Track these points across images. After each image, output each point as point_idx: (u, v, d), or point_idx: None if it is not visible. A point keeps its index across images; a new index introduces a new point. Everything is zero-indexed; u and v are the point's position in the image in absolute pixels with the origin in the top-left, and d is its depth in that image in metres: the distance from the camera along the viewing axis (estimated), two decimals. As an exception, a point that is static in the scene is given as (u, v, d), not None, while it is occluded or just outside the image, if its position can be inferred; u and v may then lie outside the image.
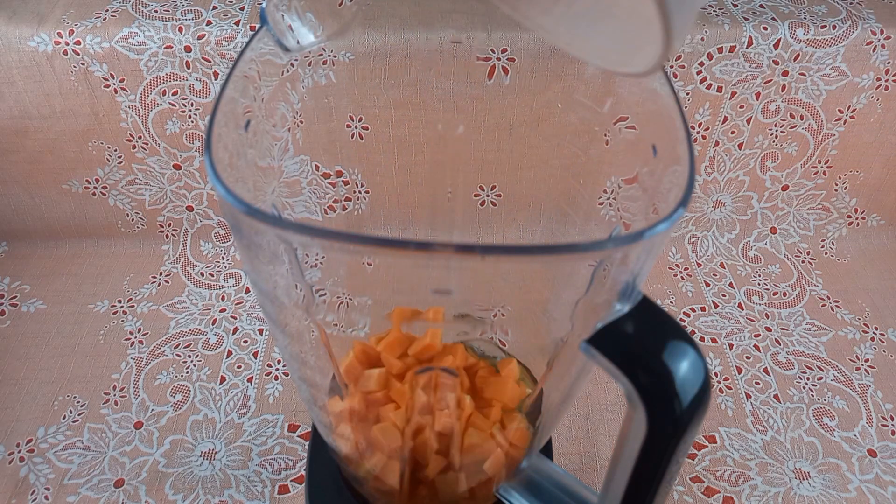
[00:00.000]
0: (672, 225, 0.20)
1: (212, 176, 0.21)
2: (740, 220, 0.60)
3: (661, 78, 0.26)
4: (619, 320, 0.23)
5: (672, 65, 0.52)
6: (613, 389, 0.48)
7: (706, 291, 0.56)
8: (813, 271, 0.59)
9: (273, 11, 0.28)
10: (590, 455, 0.45)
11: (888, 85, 0.54)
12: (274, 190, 0.36)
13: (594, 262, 0.24)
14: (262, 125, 0.31)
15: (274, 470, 0.43)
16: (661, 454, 0.24)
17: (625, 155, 0.32)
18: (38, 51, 0.49)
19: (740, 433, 0.46)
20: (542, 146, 0.53)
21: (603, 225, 0.35)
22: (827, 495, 0.43)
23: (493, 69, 0.49)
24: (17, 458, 0.44)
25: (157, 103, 0.51)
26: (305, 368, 0.33)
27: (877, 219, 0.61)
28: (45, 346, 0.50)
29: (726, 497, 0.43)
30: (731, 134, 0.55)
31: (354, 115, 0.51)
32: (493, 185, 0.56)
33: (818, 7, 0.54)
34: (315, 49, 0.35)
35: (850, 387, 0.50)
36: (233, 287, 0.55)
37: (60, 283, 0.55)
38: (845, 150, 0.57)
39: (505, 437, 0.34)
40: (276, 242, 0.25)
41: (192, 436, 0.45)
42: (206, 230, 0.58)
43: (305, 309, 0.31)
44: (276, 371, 0.49)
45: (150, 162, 0.54)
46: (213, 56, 0.50)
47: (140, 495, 0.42)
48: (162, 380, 0.48)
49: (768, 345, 0.52)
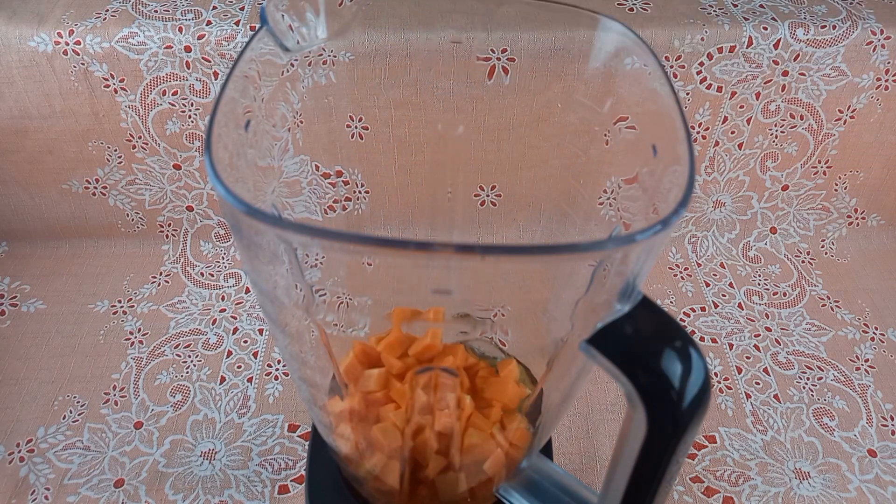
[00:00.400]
0: (672, 225, 0.20)
1: (212, 176, 0.21)
2: (740, 220, 0.60)
3: (661, 78, 0.26)
4: (619, 320, 0.23)
5: (672, 65, 0.52)
6: (613, 389, 0.48)
7: (706, 291, 0.56)
8: (813, 271, 0.59)
9: (273, 11, 0.28)
10: (590, 455, 0.45)
11: (888, 85, 0.54)
12: (274, 190, 0.36)
13: (594, 262, 0.24)
14: (262, 125, 0.31)
15: (274, 470, 0.43)
16: (661, 454, 0.24)
17: (625, 155, 0.32)
18: (38, 51, 0.49)
19: (740, 433, 0.46)
20: (542, 146, 0.53)
21: (603, 225, 0.35)
22: (827, 495, 0.43)
23: (493, 69, 0.49)
24: (17, 458, 0.44)
25: (157, 103, 0.51)
26: (305, 368, 0.33)
27: (877, 219, 0.61)
28: (45, 346, 0.50)
29: (726, 497, 0.43)
30: (731, 134, 0.55)
31: (354, 115, 0.51)
32: (493, 185, 0.56)
33: (818, 7, 0.54)
34: (315, 49, 0.35)
35: (850, 387, 0.50)
36: (233, 287, 0.55)
37: (60, 283, 0.55)
38: (845, 150, 0.57)
39: (505, 437, 0.34)
40: (276, 242, 0.25)
41: (192, 436, 0.45)
42: (206, 230, 0.58)
43: (305, 309, 0.31)
44: (276, 371, 0.49)
45: (150, 162, 0.54)
46: (213, 56, 0.50)
47: (140, 495, 0.42)
48: (162, 380, 0.48)
49: (768, 345, 0.52)
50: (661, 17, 0.52)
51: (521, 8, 0.50)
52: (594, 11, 0.30)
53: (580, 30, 0.45)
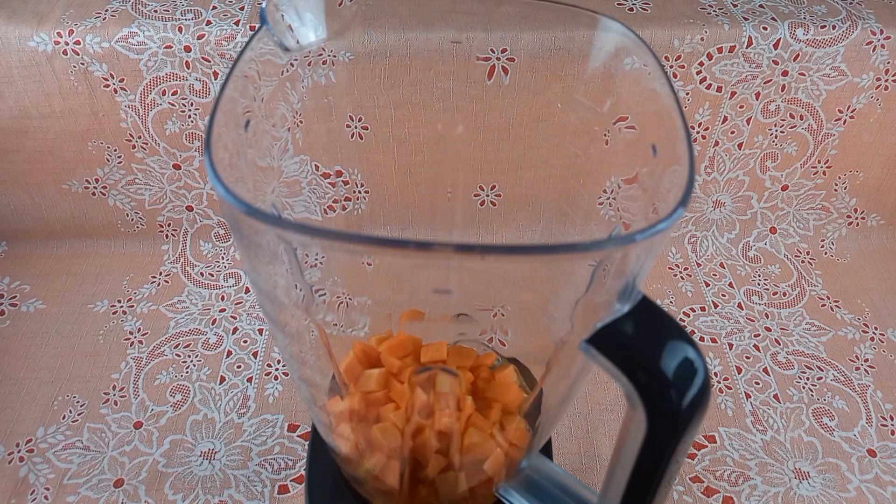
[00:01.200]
0: (672, 225, 0.20)
1: (212, 176, 0.21)
2: (740, 220, 0.60)
3: (661, 78, 0.26)
4: (618, 320, 0.23)
5: (672, 65, 0.52)
6: (613, 389, 0.48)
7: (706, 291, 0.56)
8: (813, 271, 0.59)
9: (273, 11, 0.28)
10: (590, 455, 0.45)
11: (888, 85, 0.54)
12: (274, 190, 0.36)
13: (594, 262, 0.24)
14: (261, 125, 0.31)
15: (274, 470, 0.43)
16: (661, 454, 0.24)
17: (625, 155, 0.32)
18: (37, 50, 0.49)
19: (740, 433, 0.46)
20: (542, 146, 0.53)
21: (603, 225, 0.35)
22: (826, 495, 0.43)
23: (492, 69, 0.49)
24: (17, 457, 0.44)
25: (156, 103, 0.51)
26: (305, 368, 0.33)
27: (877, 219, 0.61)
28: (44, 345, 0.50)
29: (726, 497, 0.43)
30: (730, 134, 0.55)
31: (354, 115, 0.50)
32: (492, 185, 0.56)
33: (818, 7, 0.54)
34: (315, 49, 0.35)
35: (850, 387, 0.50)
36: (233, 287, 0.55)
37: (60, 283, 0.55)
38: (845, 150, 0.57)
39: (505, 437, 0.34)
40: (276, 242, 0.25)
41: (191, 436, 0.45)
42: (205, 230, 0.58)
43: (305, 309, 0.31)
44: (276, 371, 0.49)
45: (149, 162, 0.54)
46: (213, 56, 0.50)
47: (140, 495, 0.42)
48: (162, 380, 0.48)
49: (768, 345, 0.52)
50: (660, 17, 0.52)
51: (520, 8, 0.50)
52: (594, 11, 0.30)
53: (580, 30, 0.45)
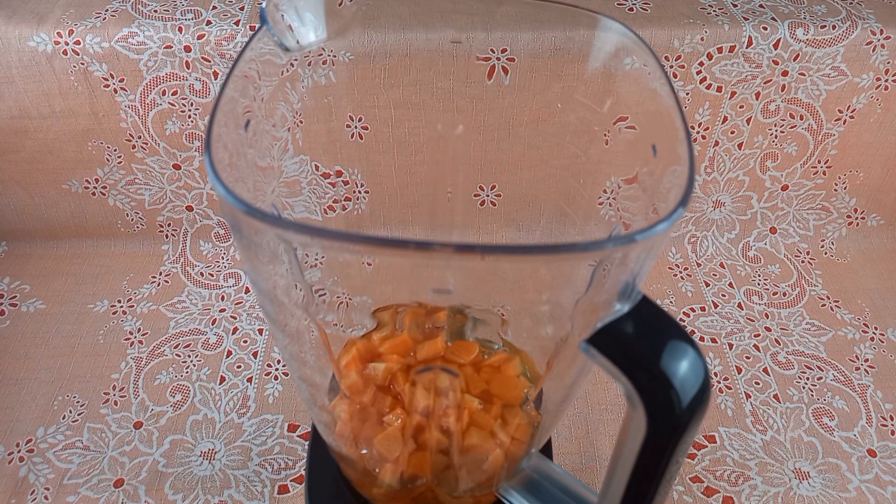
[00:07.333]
0: (672, 225, 0.20)
1: (211, 176, 0.21)
2: (740, 220, 0.60)
3: (661, 78, 0.26)
4: (618, 320, 0.23)
5: (672, 65, 0.52)
6: (613, 389, 0.48)
7: (706, 291, 0.56)
8: (813, 271, 0.59)
9: (273, 11, 0.28)
10: (590, 455, 0.45)
11: (888, 85, 0.54)
12: (274, 190, 0.36)
13: (594, 262, 0.24)
14: (261, 125, 0.31)
15: (274, 470, 0.43)
16: (661, 454, 0.24)
17: (625, 155, 0.32)
18: (37, 50, 0.49)
19: (740, 433, 0.46)
20: (542, 146, 0.53)
21: (603, 225, 0.35)
22: (826, 495, 0.43)
23: (492, 69, 0.49)
24: (17, 457, 0.44)
25: (156, 103, 0.51)
26: (305, 368, 0.33)
27: (876, 219, 0.61)
28: (44, 345, 0.50)
29: (726, 497, 0.43)
30: (730, 134, 0.55)
31: (354, 115, 0.50)
32: (492, 184, 0.56)
33: (818, 7, 0.54)
34: (315, 49, 0.35)
35: (850, 387, 0.50)
36: (233, 287, 0.55)
37: (60, 283, 0.55)
38: (845, 150, 0.57)
39: (507, 432, 0.34)
40: (276, 242, 0.25)
41: (191, 436, 0.45)
42: (205, 230, 0.58)
43: (305, 309, 0.31)
44: (276, 371, 0.49)
45: (149, 162, 0.54)
46: (213, 56, 0.50)
47: (140, 495, 0.42)
48: (162, 380, 0.48)
49: (768, 345, 0.52)
50: (660, 17, 0.52)
51: (520, 8, 0.50)
52: (594, 11, 0.30)
53: (580, 30, 0.45)
